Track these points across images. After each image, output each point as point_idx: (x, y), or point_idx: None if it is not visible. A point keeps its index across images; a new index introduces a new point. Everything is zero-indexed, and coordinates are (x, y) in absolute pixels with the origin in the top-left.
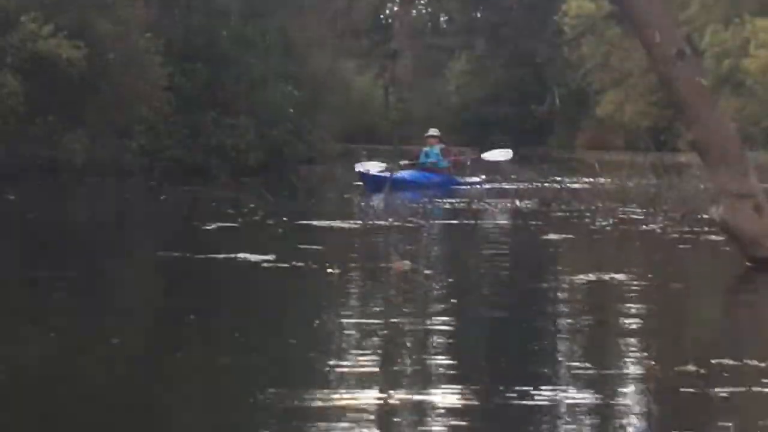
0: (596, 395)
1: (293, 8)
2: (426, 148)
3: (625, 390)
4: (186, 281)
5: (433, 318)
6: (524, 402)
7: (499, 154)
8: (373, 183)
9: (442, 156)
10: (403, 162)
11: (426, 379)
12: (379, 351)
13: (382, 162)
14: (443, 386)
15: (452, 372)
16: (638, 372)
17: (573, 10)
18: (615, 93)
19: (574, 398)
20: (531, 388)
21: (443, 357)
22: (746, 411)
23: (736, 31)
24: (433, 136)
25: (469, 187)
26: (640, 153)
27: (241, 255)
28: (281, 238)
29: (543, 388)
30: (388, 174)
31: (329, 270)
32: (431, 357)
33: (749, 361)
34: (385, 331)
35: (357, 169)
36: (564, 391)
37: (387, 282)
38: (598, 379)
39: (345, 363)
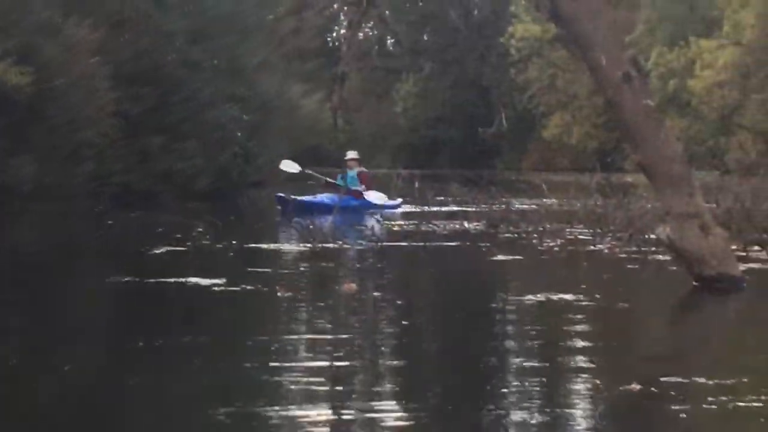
0: (543, 414)
1: (240, 31)
2: (346, 172)
3: (571, 409)
4: (136, 306)
5: (382, 338)
6: (472, 420)
7: (290, 168)
8: (293, 207)
9: (358, 179)
10: (325, 180)
11: (376, 397)
12: (328, 370)
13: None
14: (393, 404)
15: (401, 390)
16: (585, 390)
17: (519, 33)
18: (561, 115)
19: (521, 417)
20: (479, 406)
21: (393, 376)
22: (694, 428)
23: (681, 52)
24: (352, 159)
25: (385, 210)
26: (587, 174)
27: (192, 279)
28: (231, 262)
29: (490, 407)
30: (305, 198)
31: (279, 293)
32: (381, 375)
33: (697, 379)
34: (335, 352)
35: (277, 195)
36: (511, 409)
37: (336, 304)
38: (544, 397)
39: (296, 382)
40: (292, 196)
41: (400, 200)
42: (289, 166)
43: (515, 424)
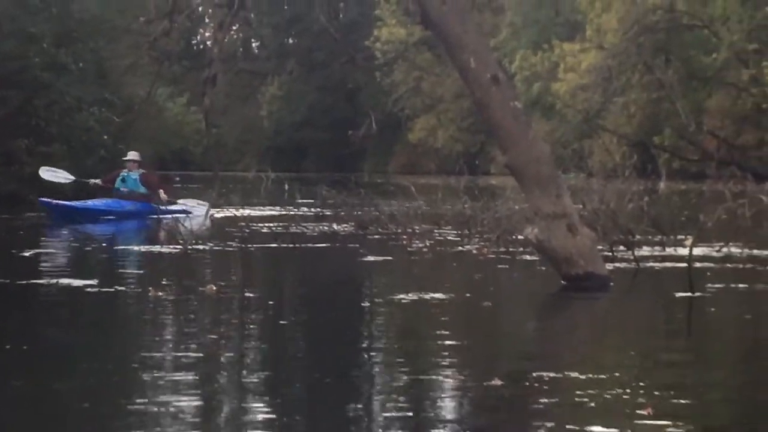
0: (407, 410)
1: (107, 34)
2: (124, 173)
3: (436, 404)
4: (6, 308)
5: (250, 336)
6: (336, 415)
7: (57, 177)
8: (60, 212)
9: (141, 182)
10: (93, 181)
11: (243, 391)
12: (194, 368)
13: (69, 175)
14: (258, 398)
15: (267, 386)
16: (452, 386)
17: (384, 36)
18: (427, 118)
19: (385, 413)
20: (343, 402)
21: (259, 371)
22: (563, 421)
23: (545, 55)
24: (132, 161)
25: (173, 216)
26: (453, 177)
27: (64, 280)
28: (103, 263)
29: (355, 403)
30: (76, 203)
31: (150, 294)
32: (249, 371)
33: (566, 374)
34: (204, 349)
35: (40, 199)
36: (375, 405)
37: (206, 304)
38: (410, 394)
39: (166, 377)
40: (55, 201)
41: (194, 204)
42: (51, 176)
43: (378, 420)
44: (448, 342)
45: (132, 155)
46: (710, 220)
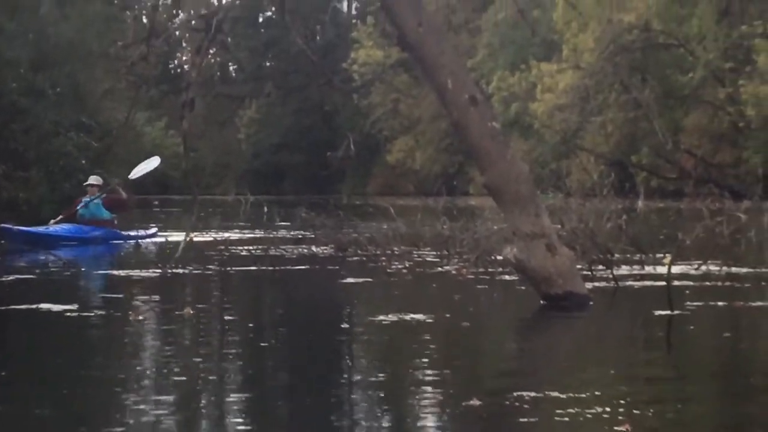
0: (388, 428)
1: (84, 59)
2: (86, 198)
3: (417, 424)
4: None
5: (231, 358)
6: None
7: (146, 165)
8: (20, 238)
9: (103, 206)
10: (53, 221)
11: (225, 413)
12: (173, 395)
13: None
14: (241, 420)
15: (250, 407)
16: (432, 405)
17: (362, 58)
18: (405, 140)
19: (367, 430)
20: (325, 421)
21: (241, 393)
22: None
23: (522, 76)
24: (93, 185)
25: (136, 242)
26: (432, 198)
27: (43, 305)
28: (83, 289)
29: (336, 422)
30: (38, 229)
31: (131, 317)
32: (230, 391)
33: (546, 393)
34: (185, 371)
35: (1, 225)
36: (356, 425)
37: (185, 327)
38: (390, 413)
39: (144, 400)
40: (16, 228)
41: (155, 229)
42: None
43: None
44: (427, 362)
45: (93, 180)
46: (688, 239)
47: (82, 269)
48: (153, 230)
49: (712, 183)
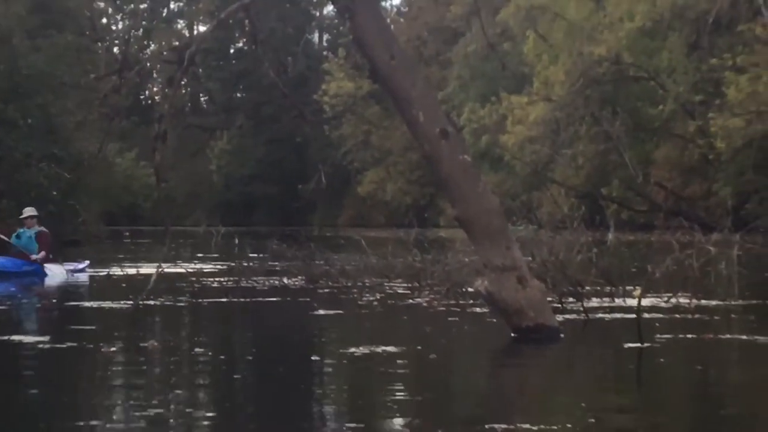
0: None
1: (56, 90)
2: (21, 230)
3: None
4: None
5: (200, 392)
6: None
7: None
8: None
9: (36, 240)
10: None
11: None
12: (146, 422)
13: None
14: None
15: None
16: None
17: (333, 90)
18: (376, 171)
19: None
20: None
21: (210, 427)
22: None
23: (493, 108)
24: (29, 217)
25: (68, 273)
26: (403, 229)
27: (15, 337)
28: (55, 320)
29: None
30: None
31: (102, 350)
32: (199, 426)
33: (519, 425)
34: (154, 406)
35: None
36: None
37: (156, 360)
38: None
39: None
40: None
41: (86, 262)
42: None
43: None
44: (398, 395)
45: (28, 211)
46: (658, 271)
47: (52, 300)
48: (85, 263)
49: (682, 215)
